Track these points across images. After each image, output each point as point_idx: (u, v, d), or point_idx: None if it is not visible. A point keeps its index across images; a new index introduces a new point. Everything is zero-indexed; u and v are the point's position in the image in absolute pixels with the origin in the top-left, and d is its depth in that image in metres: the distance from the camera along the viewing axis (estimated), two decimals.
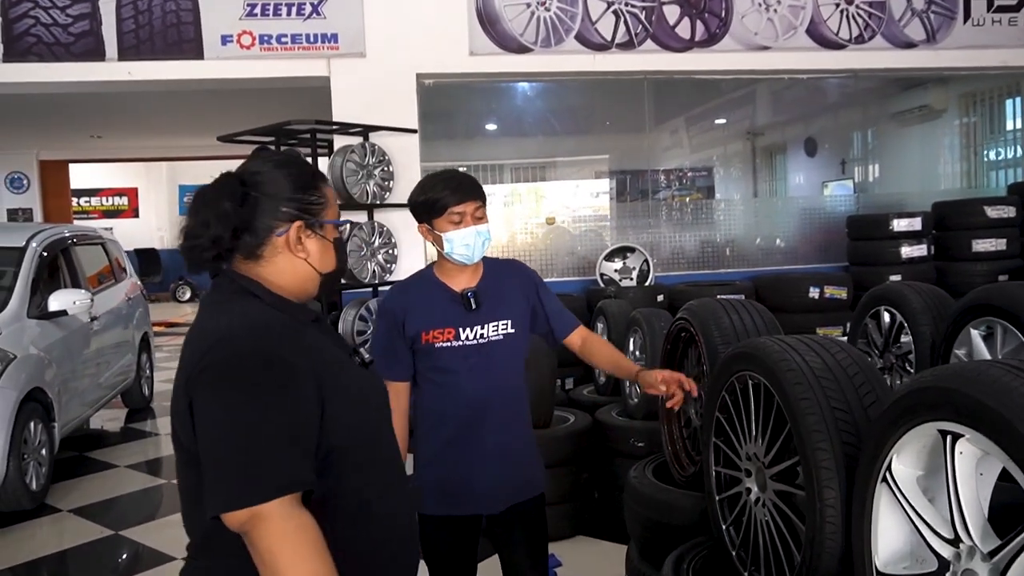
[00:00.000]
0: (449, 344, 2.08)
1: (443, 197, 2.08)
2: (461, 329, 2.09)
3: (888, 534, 1.36)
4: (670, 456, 2.57)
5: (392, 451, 1.47)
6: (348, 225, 1.48)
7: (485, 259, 2.20)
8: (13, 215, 11.97)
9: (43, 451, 4.72)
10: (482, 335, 2.10)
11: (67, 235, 6.05)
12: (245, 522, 1.16)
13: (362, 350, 1.53)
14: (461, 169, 2.30)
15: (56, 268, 5.66)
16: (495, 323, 2.11)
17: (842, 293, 6.10)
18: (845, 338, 5.30)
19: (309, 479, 1.21)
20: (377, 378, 1.55)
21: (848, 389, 1.60)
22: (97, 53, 5.93)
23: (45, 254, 5.44)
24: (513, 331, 2.14)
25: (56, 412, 4.92)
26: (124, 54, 5.95)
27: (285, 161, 1.40)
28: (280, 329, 1.29)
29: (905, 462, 1.33)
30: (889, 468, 1.34)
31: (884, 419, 1.35)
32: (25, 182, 12.11)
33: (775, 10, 6.62)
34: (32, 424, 4.61)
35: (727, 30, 6.58)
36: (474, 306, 2.10)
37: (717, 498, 1.97)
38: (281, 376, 1.22)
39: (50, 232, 5.77)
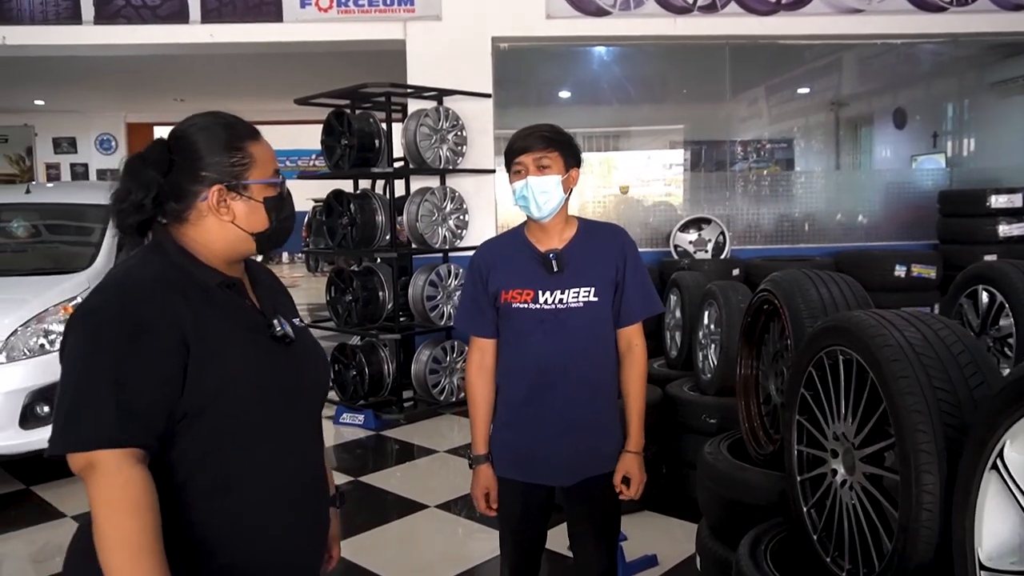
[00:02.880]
0: (526, 306, 2.01)
1: (509, 148, 2.01)
2: (540, 292, 2.00)
3: (995, 525, 1.26)
4: (747, 433, 2.48)
5: (269, 435, 1.35)
6: (281, 181, 1.41)
7: (581, 220, 2.10)
8: (102, 175, 12.45)
9: None
10: (561, 300, 2.00)
11: None
12: (82, 468, 1.18)
13: (276, 323, 1.41)
14: None
15: None
16: (576, 289, 2.00)
17: (930, 272, 5.82)
18: None
19: (132, 439, 1.19)
20: (294, 357, 1.41)
21: (952, 368, 1.48)
22: (181, 16, 6.05)
23: None
24: (596, 300, 2.02)
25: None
26: (207, 17, 6.05)
27: (210, 123, 1.38)
28: (152, 285, 1.28)
29: (1020, 449, 1.22)
30: (1001, 455, 1.23)
31: (997, 401, 1.24)
32: (113, 143, 12.57)
33: None
34: None
35: None
36: (556, 268, 2.00)
37: (799, 479, 1.88)
38: (128, 334, 1.22)
39: None
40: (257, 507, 1.33)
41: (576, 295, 2.00)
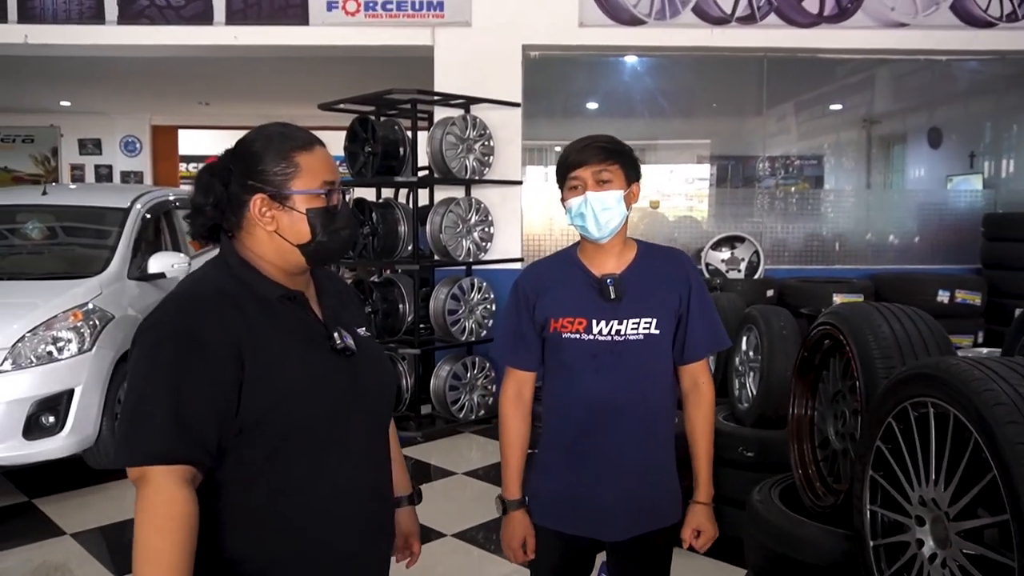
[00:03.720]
0: (578, 336, 1.79)
1: (563, 161, 1.80)
2: (594, 321, 1.79)
3: None
4: (800, 480, 2.25)
5: (332, 449, 1.36)
6: (328, 193, 1.36)
7: (640, 243, 1.89)
8: (126, 177, 12.40)
9: None
10: (618, 331, 1.78)
11: (171, 198, 6.09)
12: (135, 480, 1.22)
13: (336, 335, 1.38)
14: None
15: (158, 230, 5.70)
16: (636, 319, 1.78)
17: (975, 298, 5.56)
18: (981, 350, 4.78)
19: (187, 456, 1.21)
20: (355, 370, 1.40)
21: None
22: (206, 17, 5.92)
23: (148, 216, 5.47)
24: (657, 332, 1.79)
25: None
26: (231, 18, 5.93)
27: (267, 132, 1.38)
28: (209, 301, 1.30)
29: None
30: None
31: None
32: (138, 146, 12.52)
33: None
34: (126, 384, 4.63)
35: (860, 4, 6.05)
36: (613, 295, 1.78)
37: (872, 544, 1.66)
38: (184, 349, 1.24)
39: (154, 195, 5.81)
40: (311, 521, 1.33)
41: (636, 326, 1.78)
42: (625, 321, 1.78)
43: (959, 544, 1.40)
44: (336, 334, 1.38)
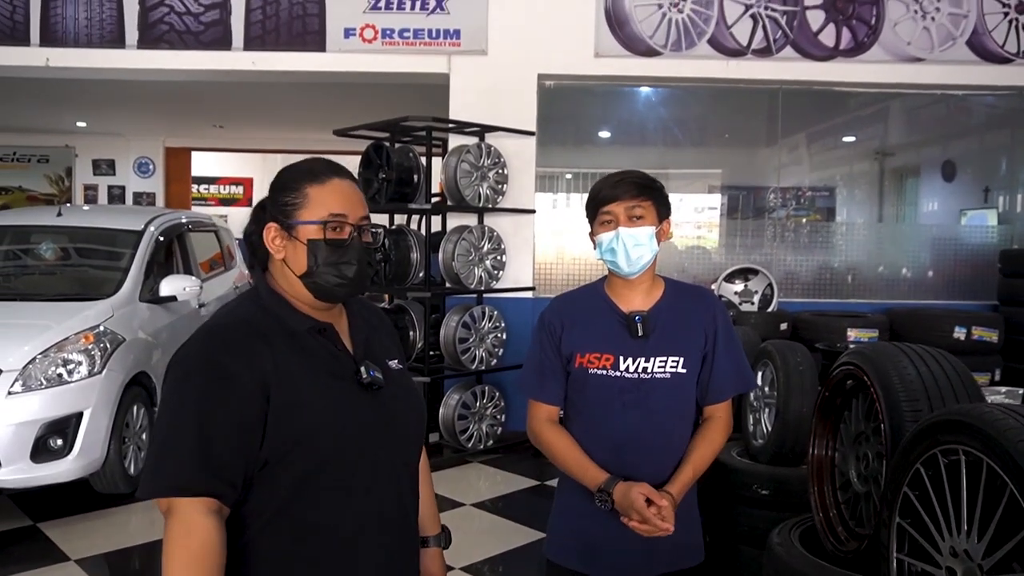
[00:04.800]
0: (604, 372, 1.78)
1: (595, 195, 1.80)
2: (622, 358, 1.77)
3: None
4: (821, 523, 2.20)
5: (356, 484, 1.34)
6: (329, 223, 1.35)
7: (668, 280, 1.88)
8: (138, 199, 12.49)
9: (143, 436, 4.72)
10: (645, 369, 1.77)
11: (183, 221, 6.11)
12: (163, 511, 1.24)
13: (363, 369, 1.37)
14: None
15: (170, 253, 5.71)
16: (663, 358, 1.77)
17: (993, 336, 5.49)
18: (1000, 388, 4.71)
19: (209, 489, 1.23)
20: (382, 404, 1.39)
21: None
22: (224, 42, 5.98)
23: (161, 239, 5.49)
24: (684, 371, 1.78)
25: (158, 397, 4.93)
26: (250, 44, 5.99)
27: (292, 164, 1.41)
28: (237, 333, 1.31)
29: None
30: None
31: None
32: (151, 167, 12.61)
33: (932, 18, 6.04)
34: (135, 408, 4.62)
35: (876, 38, 6.06)
36: (640, 332, 1.77)
37: None
38: (211, 381, 1.26)
39: (167, 217, 5.84)
40: (334, 557, 1.32)
41: (663, 365, 1.77)
42: (652, 359, 1.76)
43: None
44: (363, 368, 1.37)
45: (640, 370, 1.76)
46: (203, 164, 14.47)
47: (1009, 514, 1.32)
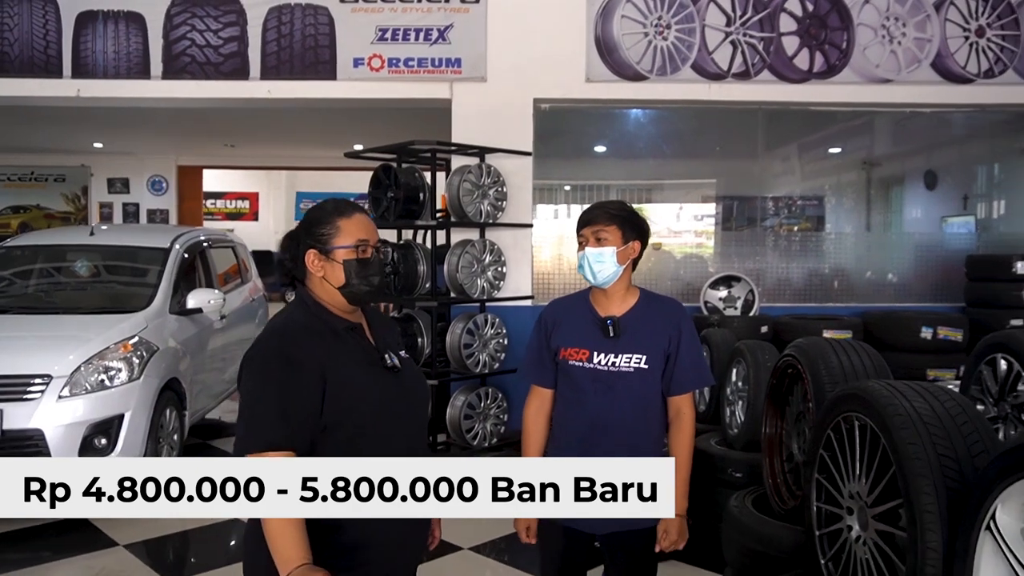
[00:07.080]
0: (581, 364, 2.21)
1: (579, 219, 2.26)
2: (595, 353, 2.20)
3: None
4: (770, 488, 2.63)
5: (387, 441, 1.76)
6: (358, 246, 1.80)
7: (643, 291, 2.29)
8: (152, 215, 12.93)
9: (175, 436, 5.15)
10: (614, 363, 2.19)
11: (203, 238, 6.56)
12: None
13: (387, 357, 1.88)
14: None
15: (193, 268, 6.15)
16: (629, 355, 2.19)
17: (957, 335, 5.90)
18: (958, 382, 5.14)
19: (289, 445, 1.63)
20: (401, 383, 1.83)
21: (955, 436, 1.65)
22: (242, 72, 6.44)
23: (186, 255, 5.92)
24: (646, 367, 2.19)
25: (188, 402, 5.36)
26: (266, 73, 6.44)
27: (320, 206, 1.86)
28: (299, 332, 1.74)
29: (1010, 513, 1.39)
30: (993, 517, 1.40)
31: (991, 469, 1.41)
32: (164, 185, 13.06)
33: (899, 42, 6.50)
34: (168, 411, 5.04)
35: (847, 62, 6.51)
36: (612, 334, 2.19)
37: (817, 533, 2.04)
38: (285, 367, 1.67)
39: (190, 235, 6.28)
40: None
41: (628, 360, 2.19)
42: (620, 355, 2.20)
43: (874, 526, 1.79)
44: (386, 356, 1.84)
45: (610, 364, 2.20)
46: (210, 179, 14.86)
47: (883, 462, 1.76)
